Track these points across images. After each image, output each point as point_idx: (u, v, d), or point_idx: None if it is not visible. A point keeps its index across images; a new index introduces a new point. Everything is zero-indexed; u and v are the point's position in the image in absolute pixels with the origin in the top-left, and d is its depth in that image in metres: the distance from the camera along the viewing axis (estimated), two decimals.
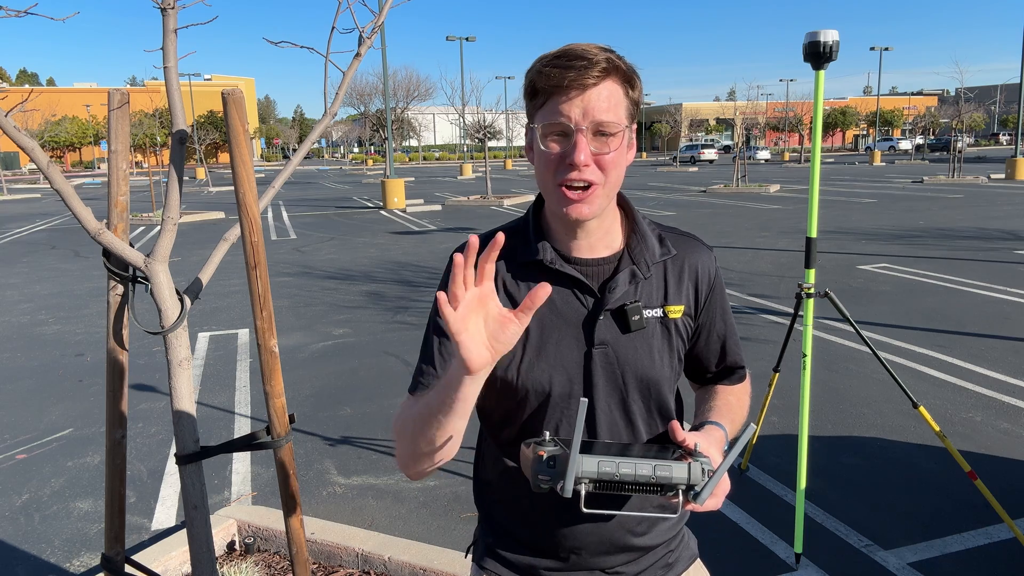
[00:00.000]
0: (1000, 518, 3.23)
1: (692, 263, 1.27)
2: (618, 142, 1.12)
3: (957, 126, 43.60)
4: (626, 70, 1.13)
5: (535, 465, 1.00)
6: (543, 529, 1.25)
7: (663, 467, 1.00)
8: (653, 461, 1.01)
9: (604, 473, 0.98)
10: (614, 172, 1.13)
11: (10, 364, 6.29)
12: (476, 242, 0.95)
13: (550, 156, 1.12)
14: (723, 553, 3.11)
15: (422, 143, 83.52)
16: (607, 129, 1.10)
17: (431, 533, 3.37)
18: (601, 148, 1.11)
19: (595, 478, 0.98)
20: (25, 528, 3.55)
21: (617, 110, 1.11)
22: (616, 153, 1.12)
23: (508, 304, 1.20)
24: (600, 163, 1.11)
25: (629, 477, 0.99)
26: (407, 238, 14.18)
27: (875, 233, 12.88)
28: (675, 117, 64.65)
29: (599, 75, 1.09)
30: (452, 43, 39.54)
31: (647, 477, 0.99)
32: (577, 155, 1.09)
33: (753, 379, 1.47)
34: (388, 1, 2.15)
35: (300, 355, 6.27)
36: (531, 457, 1.02)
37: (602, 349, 1.19)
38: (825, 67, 2.65)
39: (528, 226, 1.24)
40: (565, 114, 1.09)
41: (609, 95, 1.10)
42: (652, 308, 1.22)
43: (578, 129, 1.09)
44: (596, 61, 1.08)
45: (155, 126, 55.83)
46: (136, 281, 1.86)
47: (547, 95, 1.11)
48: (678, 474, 1.00)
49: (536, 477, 1.00)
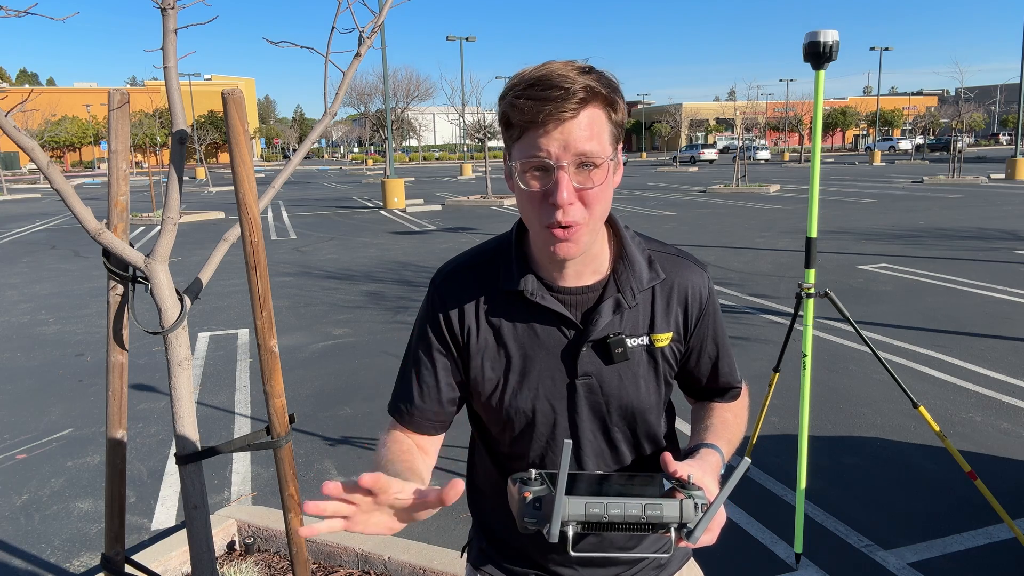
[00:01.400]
0: (1000, 518, 3.23)
1: (682, 285, 1.21)
2: (603, 175, 1.04)
3: (957, 126, 43.60)
4: (607, 94, 1.03)
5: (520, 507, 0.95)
6: (535, 540, 1.25)
7: (653, 506, 0.95)
8: (643, 500, 0.96)
9: (592, 515, 0.93)
10: (599, 206, 1.06)
11: (10, 364, 6.29)
12: (367, 481, 0.85)
13: (532, 194, 1.05)
14: (723, 553, 3.11)
15: (422, 143, 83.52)
16: (591, 160, 1.02)
17: (431, 533, 3.37)
18: (584, 182, 1.04)
19: (582, 520, 0.94)
20: (25, 528, 3.55)
21: (600, 138, 1.03)
22: (601, 188, 1.05)
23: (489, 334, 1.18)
24: (584, 199, 1.04)
25: (618, 518, 0.94)
26: (407, 238, 14.18)
27: (875, 233, 12.88)
28: (675, 117, 64.72)
29: (577, 105, 1.00)
30: (452, 43, 39.53)
31: (636, 517, 0.94)
32: (560, 194, 1.01)
33: (753, 379, 1.47)
34: (388, 1, 2.15)
35: (300, 355, 6.27)
36: (516, 497, 0.97)
37: (585, 380, 1.17)
38: (825, 67, 2.65)
39: (511, 250, 1.19)
40: (544, 149, 1.01)
41: (590, 123, 1.02)
42: (637, 336, 1.18)
43: (559, 166, 1.01)
44: (574, 91, 0.99)
45: (155, 126, 55.85)
46: (136, 281, 1.86)
47: (523, 129, 1.03)
48: (669, 513, 0.95)
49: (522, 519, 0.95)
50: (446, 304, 1.20)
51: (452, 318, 1.20)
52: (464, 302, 1.19)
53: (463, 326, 1.19)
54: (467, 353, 1.19)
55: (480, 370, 1.19)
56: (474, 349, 1.19)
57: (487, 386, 1.19)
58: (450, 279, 1.22)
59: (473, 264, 1.22)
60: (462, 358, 1.20)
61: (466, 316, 1.19)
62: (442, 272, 1.24)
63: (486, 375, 1.19)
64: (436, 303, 1.21)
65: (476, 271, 1.21)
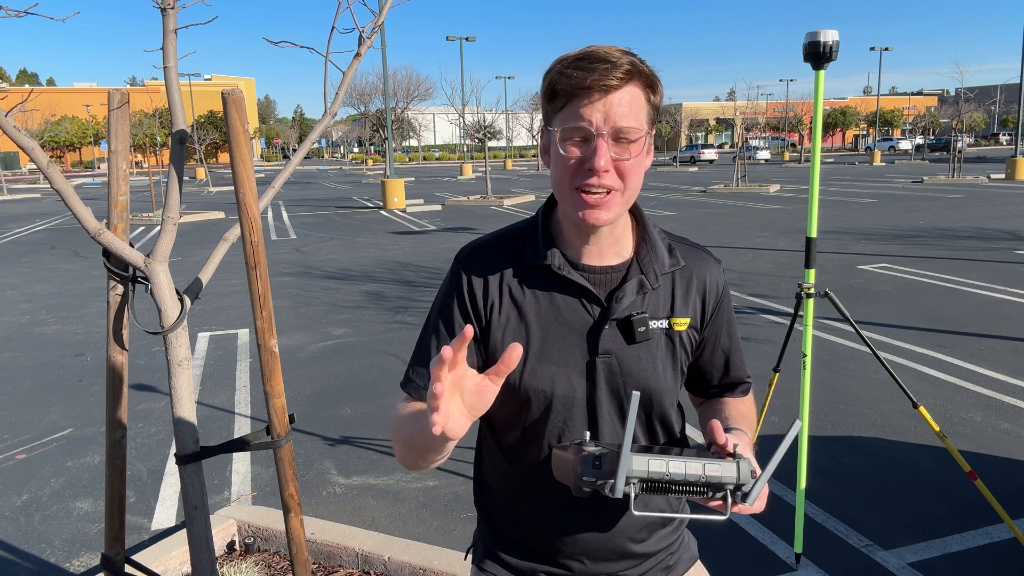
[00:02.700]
0: (1000, 518, 3.23)
1: (701, 276, 1.25)
2: (639, 148, 1.10)
3: (957, 126, 43.61)
4: (648, 74, 1.11)
5: (579, 466, 0.95)
6: (544, 534, 1.25)
7: (713, 466, 0.96)
8: (702, 460, 0.97)
9: (654, 472, 0.94)
10: (633, 178, 1.11)
11: (10, 364, 6.29)
12: (470, 332, 0.88)
13: (569, 160, 1.10)
14: (723, 553, 3.11)
15: (422, 143, 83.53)
16: (628, 135, 1.08)
17: (431, 533, 3.37)
18: (621, 154, 1.09)
19: (645, 477, 0.94)
20: (25, 528, 3.55)
21: (639, 115, 1.09)
22: (636, 159, 1.10)
23: (512, 310, 1.19)
24: (620, 169, 1.09)
25: (679, 476, 0.95)
26: (407, 238, 14.18)
27: (875, 233, 12.88)
28: (675, 117, 64.70)
29: (622, 78, 1.06)
30: (452, 43, 39.55)
31: (697, 476, 0.95)
32: (597, 160, 1.07)
33: (753, 379, 1.47)
34: (388, 1, 2.15)
35: (300, 355, 6.27)
36: (572, 459, 0.97)
37: (606, 358, 1.18)
38: (825, 67, 2.65)
39: (537, 228, 1.22)
40: (586, 118, 1.07)
41: (631, 100, 1.08)
42: (658, 319, 1.21)
43: (599, 134, 1.07)
44: (619, 64, 1.06)
45: (155, 126, 55.85)
46: (136, 281, 1.86)
47: (567, 98, 1.09)
48: (728, 473, 0.96)
49: (580, 479, 0.95)
50: (471, 278, 1.21)
51: (476, 292, 1.20)
52: (488, 277, 1.21)
53: (487, 300, 1.20)
54: (488, 329, 1.20)
55: (500, 344, 1.19)
56: (496, 324, 1.19)
57: None
58: (475, 254, 1.23)
59: (499, 242, 1.24)
60: (483, 334, 1.21)
61: (490, 291, 1.20)
62: (467, 248, 1.26)
63: None
64: (460, 276, 1.22)
65: (502, 248, 1.23)
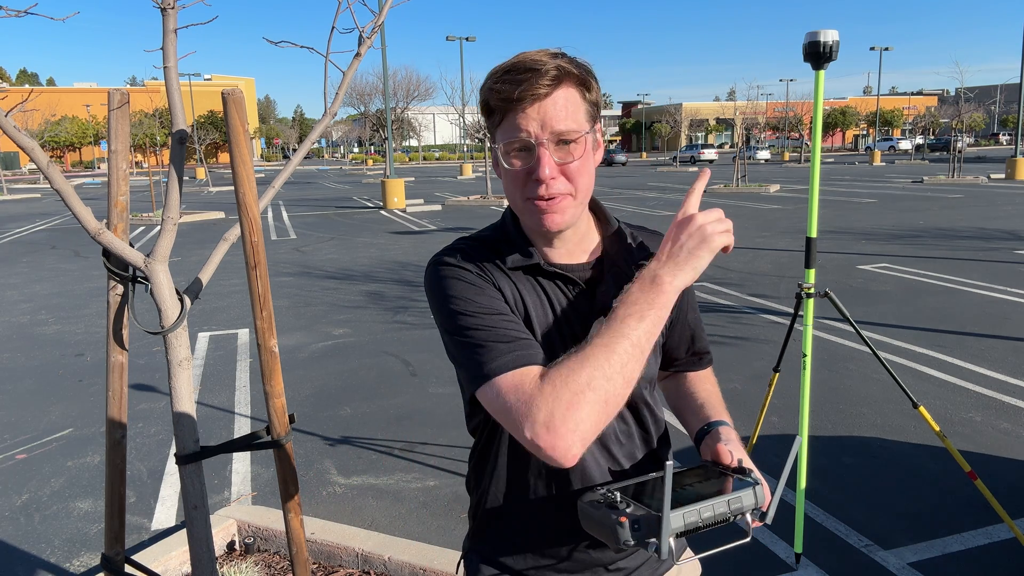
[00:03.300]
0: (1000, 518, 3.23)
1: None
2: (581, 149, 1.10)
3: (957, 126, 43.60)
4: (579, 74, 1.10)
5: (619, 533, 0.99)
6: (541, 541, 1.25)
7: (735, 500, 1.03)
8: (724, 497, 1.03)
9: (690, 523, 0.99)
10: (582, 179, 1.12)
11: (10, 364, 6.29)
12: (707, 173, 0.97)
13: (516, 173, 1.11)
14: (722, 552, 3.11)
15: (422, 143, 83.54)
16: (568, 137, 1.08)
17: (431, 533, 3.37)
18: (565, 157, 1.09)
19: (683, 531, 0.99)
20: (25, 528, 3.55)
21: (576, 116, 1.09)
22: (581, 161, 1.10)
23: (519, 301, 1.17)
24: (566, 173, 1.10)
25: (711, 520, 1.01)
26: (407, 238, 14.18)
27: (875, 233, 12.88)
28: (675, 117, 64.73)
29: (551, 84, 1.06)
30: (452, 43, 39.53)
31: (724, 514, 1.02)
32: (542, 170, 1.07)
33: (753, 379, 1.48)
34: (388, 1, 2.15)
35: (300, 355, 6.27)
36: (610, 524, 1.01)
37: None
38: (825, 67, 2.65)
39: (511, 233, 1.21)
40: (524, 128, 1.07)
41: (565, 103, 1.08)
42: None
43: (539, 143, 1.07)
44: (546, 71, 1.06)
45: (155, 126, 55.86)
46: (136, 281, 1.86)
47: (503, 112, 1.09)
48: (748, 502, 1.04)
49: (622, 543, 0.99)
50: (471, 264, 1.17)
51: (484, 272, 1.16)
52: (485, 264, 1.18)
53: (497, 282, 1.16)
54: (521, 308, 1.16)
55: None
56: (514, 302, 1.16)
57: None
58: (461, 252, 1.19)
59: (475, 245, 1.21)
60: None
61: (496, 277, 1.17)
62: (450, 248, 1.21)
63: None
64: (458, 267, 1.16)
65: (480, 250, 1.20)
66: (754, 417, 3.94)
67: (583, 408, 0.97)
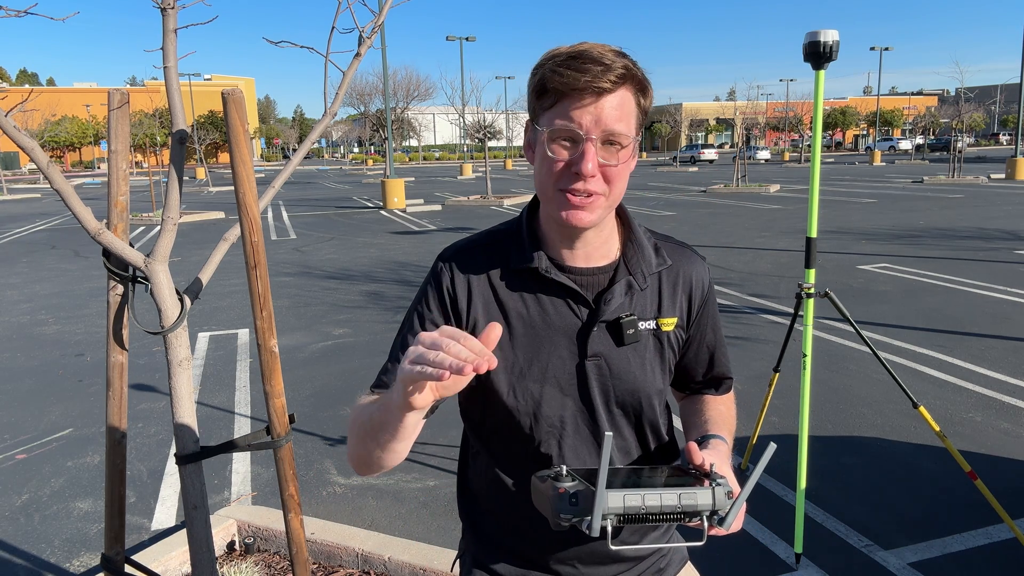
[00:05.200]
0: (1000, 518, 3.23)
1: (686, 274, 1.24)
2: (627, 154, 1.09)
3: (957, 126, 43.57)
4: (641, 78, 1.08)
5: (555, 503, 0.96)
6: (535, 540, 1.23)
7: (687, 495, 0.98)
8: (677, 490, 0.99)
9: (631, 507, 0.96)
10: (619, 183, 1.10)
11: (10, 364, 6.29)
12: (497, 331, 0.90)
13: (555, 162, 1.08)
14: (723, 553, 3.11)
15: (422, 143, 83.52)
16: (617, 140, 1.06)
17: (431, 533, 3.37)
18: (609, 159, 1.07)
19: (621, 513, 0.96)
20: (25, 528, 3.55)
21: (629, 120, 1.07)
22: (624, 165, 1.09)
23: (498, 314, 1.16)
24: (606, 174, 1.08)
25: (655, 509, 0.97)
26: (407, 238, 14.18)
27: (875, 233, 12.88)
28: (675, 117, 64.67)
29: (615, 82, 1.04)
30: (452, 43, 39.54)
31: (672, 507, 0.97)
32: (585, 165, 1.05)
33: (753, 379, 1.47)
34: (388, 1, 2.15)
35: (300, 355, 6.27)
36: (549, 495, 0.98)
37: (595, 361, 1.17)
38: (825, 67, 2.65)
39: (522, 230, 1.20)
40: (576, 120, 1.05)
41: (621, 104, 1.06)
42: (646, 320, 1.20)
43: (588, 138, 1.05)
44: (613, 67, 1.04)
45: (155, 126, 55.82)
46: (136, 281, 1.86)
47: (557, 97, 1.06)
48: (703, 501, 0.98)
49: (557, 516, 0.96)
50: (454, 279, 1.18)
51: (458, 292, 1.18)
52: (473, 279, 1.18)
53: (470, 303, 1.17)
54: (474, 332, 1.16)
55: None
56: (480, 327, 1.16)
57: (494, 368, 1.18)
58: (460, 255, 1.21)
59: (484, 243, 1.22)
60: None
61: (474, 293, 1.18)
62: (451, 248, 1.23)
63: None
64: (442, 276, 1.19)
65: (487, 250, 1.21)
66: (754, 417, 3.94)
67: (349, 443, 1.13)
